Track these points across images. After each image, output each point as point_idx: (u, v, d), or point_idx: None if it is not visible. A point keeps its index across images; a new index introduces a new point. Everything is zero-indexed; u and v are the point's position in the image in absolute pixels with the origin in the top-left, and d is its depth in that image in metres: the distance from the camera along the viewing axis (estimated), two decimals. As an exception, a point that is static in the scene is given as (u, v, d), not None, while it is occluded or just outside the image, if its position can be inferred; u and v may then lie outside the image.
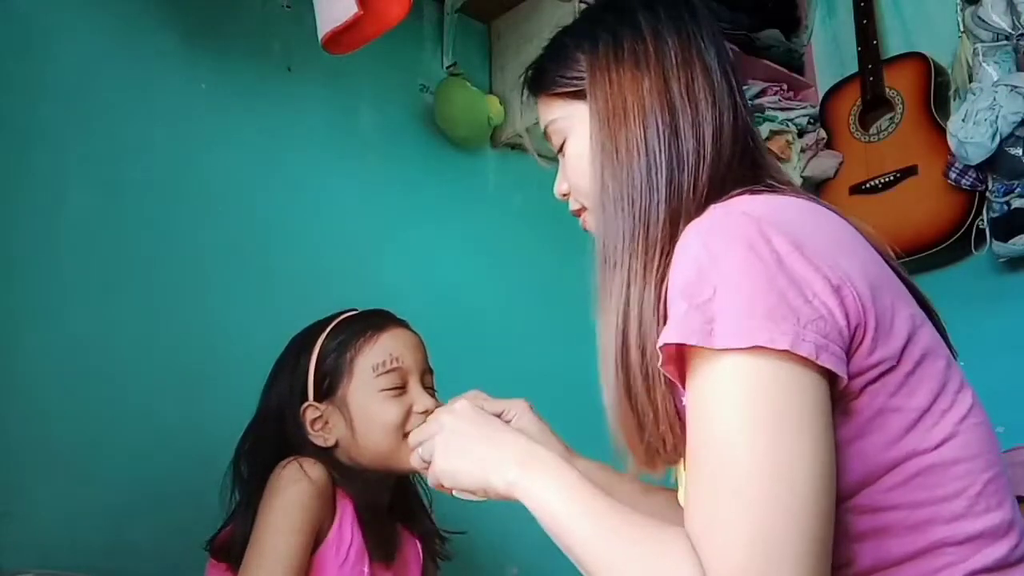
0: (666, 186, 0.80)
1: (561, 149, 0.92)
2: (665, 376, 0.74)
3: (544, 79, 0.93)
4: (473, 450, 0.85)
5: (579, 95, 0.88)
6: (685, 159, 0.81)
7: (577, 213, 0.95)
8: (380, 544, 1.14)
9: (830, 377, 0.68)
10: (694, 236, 0.73)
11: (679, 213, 0.79)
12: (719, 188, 0.80)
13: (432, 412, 1.10)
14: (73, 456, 1.30)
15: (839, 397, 0.69)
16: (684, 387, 0.72)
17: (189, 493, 1.23)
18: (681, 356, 0.71)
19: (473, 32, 2.03)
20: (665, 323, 0.72)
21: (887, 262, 0.80)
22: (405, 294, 1.70)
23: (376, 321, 1.18)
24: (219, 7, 1.61)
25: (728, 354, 0.66)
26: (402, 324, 1.21)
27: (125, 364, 1.38)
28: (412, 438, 1.01)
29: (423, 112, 1.90)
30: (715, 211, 0.75)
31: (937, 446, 0.71)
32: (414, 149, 1.87)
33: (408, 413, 1.14)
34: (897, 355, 0.70)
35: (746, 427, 0.65)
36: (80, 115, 1.43)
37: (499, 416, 1.01)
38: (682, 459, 0.79)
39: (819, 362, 0.66)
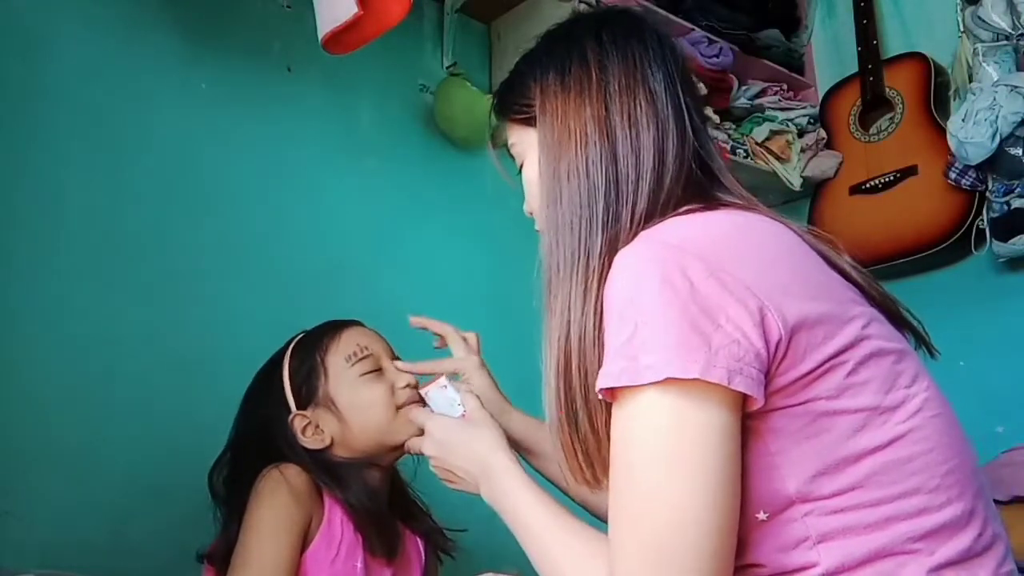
0: (603, 213, 0.83)
1: (520, 171, 0.97)
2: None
3: (503, 105, 0.97)
4: (456, 476, 1.02)
5: (531, 122, 0.91)
6: (624, 186, 0.83)
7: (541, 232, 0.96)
8: (382, 540, 1.15)
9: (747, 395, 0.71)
10: (618, 271, 0.76)
11: (617, 239, 0.81)
12: (659, 213, 0.83)
13: (414, 383, 1.18)
14: (73, 456, 1.30)
15: (773, 407, 0.72)
16: None
17: (189, 493, 1.23)
18: (615, 394, 0.74)
19: (473, 32, 2.03)
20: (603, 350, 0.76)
21: (837, 267, 0.82)
22: (404, 293, 1.70)
23: (332, 324, 1.23)
24: (219, 7, 1.61)
25: (645, 389, 0.70)
26: (358, 322, 1.25)
27: (125, 364, 1.38)
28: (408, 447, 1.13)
29: (423, 112, 1.90)
30: (638, 242, 0.78)
31: (889, 443, 0.73)
32: (414, 149, 1.87)
33: (392, 390, 1.17)
34: (833, 361, 0.73)
35: (649, 460, 0.70)
36: (80, 115, 1.43)
37: (455, 375, 1.17)
38: None
39: (732, 387, 0.69)
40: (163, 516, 1.33)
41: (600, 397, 0.76)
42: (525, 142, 0.93)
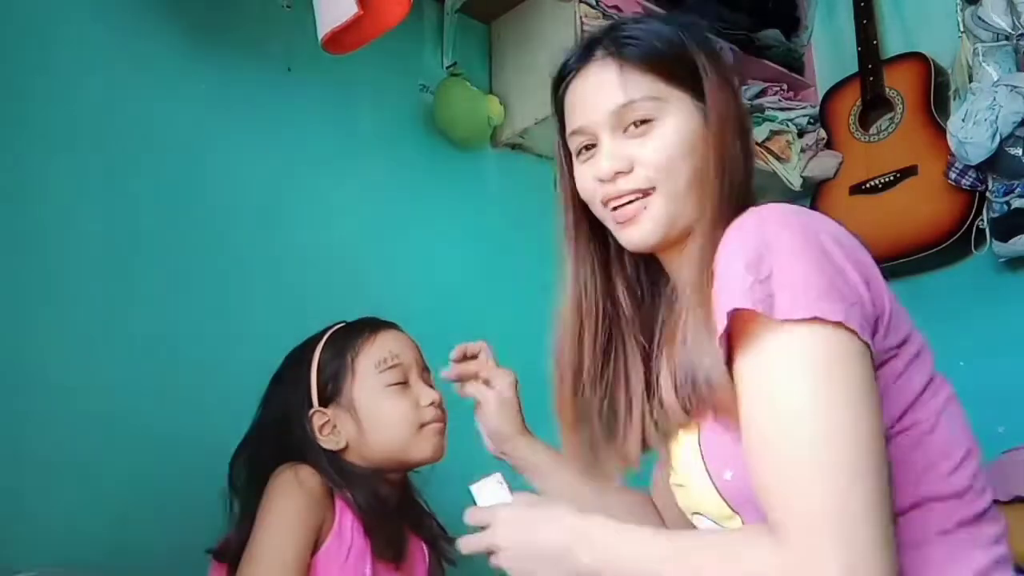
0: (739, 184, 0.91)
1: (639, 125, 0.92)
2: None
3: (653, 55, 0.93)
4: (543, 560, 0.85)
5: (683, 84, 0.93)
6: (750, 169, 0.95)
7: (631, 194, 0.92)
8: (389, 545, 1.15)
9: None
10: (751, 224, 0.79)
11: (727, 215, 0.86)
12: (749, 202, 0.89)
13: (438, 402, 1.17)
14: (76, 456, 1.30)
15: None
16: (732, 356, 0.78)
17: (192, 492, 1.23)
18: (737, 325, 0.76)
19: (473, 32, 2.03)
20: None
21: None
22: (404, 294, 1.70)
23: (370, 324, 1.22)
24: (219, 7, 1.61)
25: (788, 325, 0.73)
26: (395, 326, 1.24)
27: (127, 364, 1.38)
28: (465, 545, 0.94)
29: (423, 112, 1.90)
30: (759, 209, 0.82)
31: (929, 419, 0.81)
32: (414, 149, 1.87)
33: (415, 406, 1.16)
34: (901, 344, 0.80)
35: (813, 396, 0.71)
36: (80, 115, 1.43)
37: (487, 382, 1.14)
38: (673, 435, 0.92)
39: (862, 337, 0.74)
40: (166, 515, 1.33)
41: (720, 331, 0.76)
42: (669, 100, 0.92)
